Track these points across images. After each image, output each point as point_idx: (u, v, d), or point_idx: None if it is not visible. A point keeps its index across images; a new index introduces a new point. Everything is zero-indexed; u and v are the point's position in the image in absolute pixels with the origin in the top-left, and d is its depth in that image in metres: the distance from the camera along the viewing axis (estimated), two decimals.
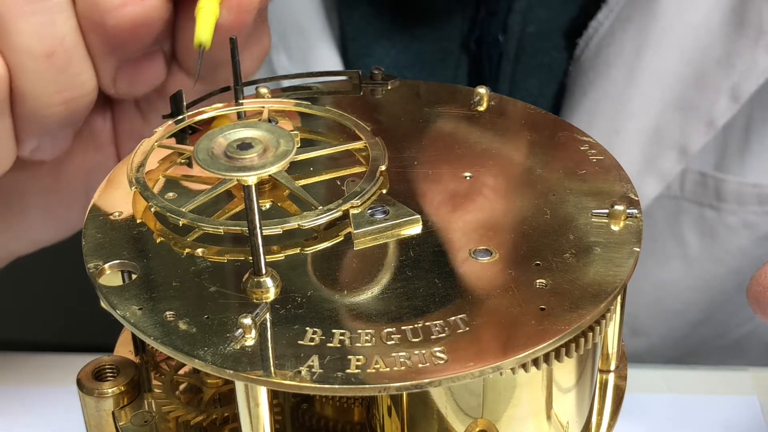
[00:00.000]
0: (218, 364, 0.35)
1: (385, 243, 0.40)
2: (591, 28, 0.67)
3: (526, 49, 0.68)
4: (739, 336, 0.78)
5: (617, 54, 0.66)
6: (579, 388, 0.40)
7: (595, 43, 0.67)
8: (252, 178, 0.35)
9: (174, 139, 0.44)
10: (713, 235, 0.73)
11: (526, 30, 0.68)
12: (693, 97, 0.66)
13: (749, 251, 0.74)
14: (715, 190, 0.72)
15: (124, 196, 0.42)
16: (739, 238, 0.73)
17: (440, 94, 0.49)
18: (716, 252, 0.74)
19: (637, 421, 0.56)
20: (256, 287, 0.37)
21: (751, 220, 0.73)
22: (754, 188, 0.71)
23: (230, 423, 0.42)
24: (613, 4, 0.66)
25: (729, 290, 0.76)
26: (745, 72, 0.65)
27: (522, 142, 0.45)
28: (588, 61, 0.67)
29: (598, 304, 0.37)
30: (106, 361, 0.42)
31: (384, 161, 0.42)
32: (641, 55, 0.66)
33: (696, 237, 0.74)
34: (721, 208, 0.72)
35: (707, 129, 0.66)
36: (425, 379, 0.34)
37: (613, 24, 0.66)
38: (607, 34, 0.66)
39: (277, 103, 0.46)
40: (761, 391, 0.58)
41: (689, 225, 0.73)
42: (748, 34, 0.64)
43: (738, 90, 0.65)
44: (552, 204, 0.41)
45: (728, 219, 0.73)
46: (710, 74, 0.65)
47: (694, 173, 0.71)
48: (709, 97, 0.66)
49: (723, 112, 0.66)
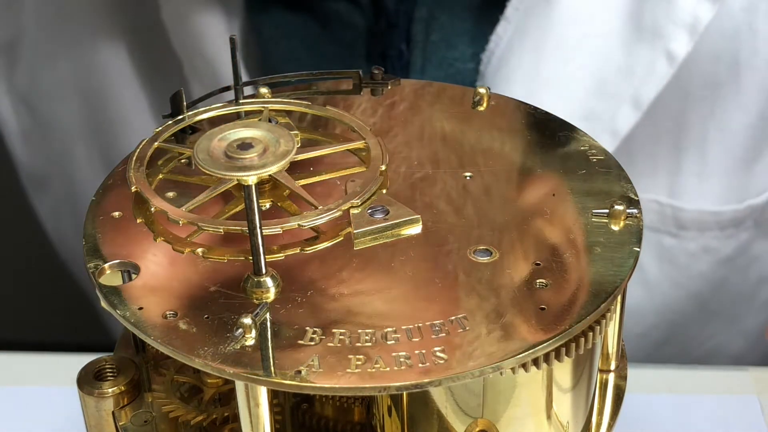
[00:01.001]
0: (218, 364, 0.35)
1: (385, 243, 0.40)
2: (492, 42, 0.66)
3: (431, 60, 0.67)
4: (702, 353, 0.79)
5: (518, 67, 0.65)
6: (579, 388, 0.40)
7: (496, 57, 0.66)
8: (252, 178, 0.35)
9: (174, 139, 0.44)
10: (672, 260, 0.73)
11: (429, 39, 0.67)
12: (595, 107, 0.65)
13: (709, 274, 0.74)
14: (673, 218, 0.71)
15: (124, 196, 0.42)
16: (699, 262, 0.73)
17: (440, 94, 0.49)
18: (675, 277, 0.74)
19: (637, 421, 0.56)
20: (256, 287, 0.37)
21: (712, 245, 0.72)
22: (713, 216, 0.71)
23: (230, 423, 0.42)
24: (510, 17, 0.65)
25: (690, 312, 0.76)
26: (644, 78, 0.64)
27: (522, 142, 0.45)
28: (491, 75, 0.66)
29: (598, 304, 0.37)
30: (106, 361, 0.42)
31: (384, 161, 0.42)
32: (541, 67, 0.65)
33: (654, 262, 0.74)
34: (681, 236, 0.72)
35: (611, 139, 0.66)
36: (425, 379, 0.34)
37: (512, 37, 0.65)
38: (507, 47, 0.65)
39: (277, 103, 0.46)
40: (761, 391, 0.58)
41: (647, 251, 0.73)
42: (646, 38, 0.63)
43: (639, 97, 0.65)
44: (552, 204, 0.41)
45: (688, 245, 0.73)
46: (611, 82, 0.65)
47: (648, 202, 0.71)
48: (612, 106, 0.65)
49: (626, 120, 0.65)
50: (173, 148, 0.44)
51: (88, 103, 0.81)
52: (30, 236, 0.94)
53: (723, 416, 0.57)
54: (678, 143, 0.69)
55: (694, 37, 0.62)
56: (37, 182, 0.88)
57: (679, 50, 0.63)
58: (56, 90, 0.81)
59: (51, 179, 0.87)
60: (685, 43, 0.63)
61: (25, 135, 0.85)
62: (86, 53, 0.79)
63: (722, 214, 0.71)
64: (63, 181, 0.86)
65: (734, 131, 0.68)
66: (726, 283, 0.75)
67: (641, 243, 0.40)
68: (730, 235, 0.72)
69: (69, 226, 0.87)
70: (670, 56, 0.63)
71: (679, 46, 0.63)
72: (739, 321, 0.77)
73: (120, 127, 0.80)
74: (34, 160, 0.86)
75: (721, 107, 0.67)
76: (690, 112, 0.68)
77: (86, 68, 0.79)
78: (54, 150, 0.85)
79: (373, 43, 0.68)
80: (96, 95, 0.80)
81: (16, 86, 0.83)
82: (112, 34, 0.77)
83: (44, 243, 0.91)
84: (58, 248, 0.91)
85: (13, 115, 0.84)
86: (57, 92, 0.81)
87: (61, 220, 0.88)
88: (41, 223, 0.90)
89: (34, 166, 0.87)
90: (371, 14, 0.67)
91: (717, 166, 0.70)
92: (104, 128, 0.81)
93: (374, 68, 0.48)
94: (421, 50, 0.67)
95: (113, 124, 0.81)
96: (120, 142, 0.80)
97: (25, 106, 0.83)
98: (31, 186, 0.89)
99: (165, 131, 0.44)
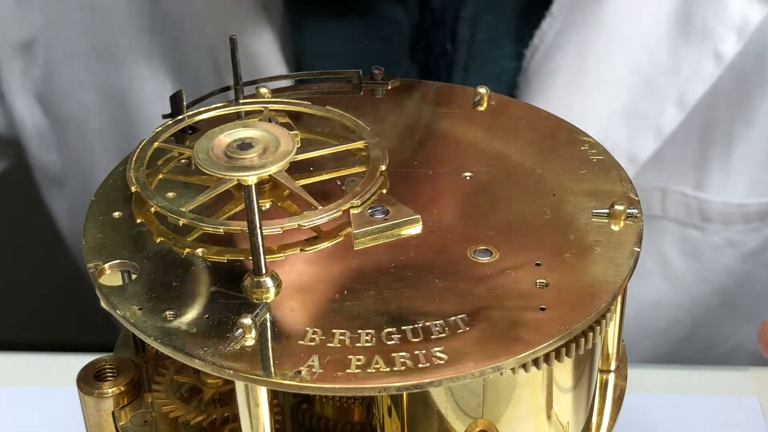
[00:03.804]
0: (218, 364, 0.35)
1: (385, 243, 0.40)
2: (536, 38, 0.66)
3: (475, 59, 0.67)
4: (723, 352, 0.78)
5: (562, 63, 0.65)
6: (579, 388, 0.40)
7: (541, 53, 0.66)
8: (252, 178, 0.35)
9: (174, 139, 0.44)
10: (697, 254, 0.73)
11: (475, 38, 0.67)
12: (640, 105, 0.66)
13: (734, 269, 0.74)
14: (698, 210, 0.72)
15: (124, 196, 0.42)
16: (723, 256, 0.73)
17: (440, 94, 0.49)
18: (700, 270, 0.74)
19: (637, 421, 0.56)
20: (256, 287, 0.37)
21: (737, 238, 0.72)
22: (739, 208, 0.71)
23: (230, 423, 0.42)
24: (556, 13, 0.65)
25: (713, 307, 0.76)
26: (690, 78, 0.64)
27: (522, 142, 0.45)
28: (534, 71, 0.66)
29: (598, 304, 0.37)
30: (106, 361, 0.42)
31: (384, 161, 0.42)
32: (586, 64, 0.65)
33: (679, 256, 0.73)
34: (706, 228, 0.72)
35: (655, 137, 0.66)
36: (425, 379, 0.34)
37: (557, 33, 0.65)
38: (552, 43, 0.65)
39: (277, 103, 0.46)
40: (761, 391, 0.58)
41: (671, 244, 0.73)
42: (693, 39, 0.63)
43: (684, 97, 0.65)
44: (552, 204, 0.41)
45: (713, 238, 0.73)
46: (656, 81, 0.65)
47: (674, 194, 0.71)
48: (656, 104, 0.65)
49: (670, 120, 0.66)
50: (173, 148, 0.44)
51: (106, 102, 0.81)
52: (45, 236, 0.94)
53: (723, 416, 0.57)
54: (705, 136, 0.69)
55: (743, 38, 0.63)
56: (53, 181, 0.88)
57: (727, 51, 0.63)
58: (74, 89, 0.81)
59: (67, 179, 0.87)
60: (734, 44, 0.63)
61: (41, 134, 0.85)
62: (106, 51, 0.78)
63: (747, 206, 0.71)
64: (79, 181, 0.86)
65: (761, 125, 0.68)
66: (750, 278, 0.75)
67: (641, 243, 0.40)
68: (755, 229, 0.72)
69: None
70: (718, 57, 0.63)
71: (728, 47, 0.63)
72: (761, 318, 0.77)
73: (138, 127, 0.80)
74: (49, 159, 0.86)
75: (748, 101, 0.68)
76: (718, 107, 0.68)
77: (105, 67, 0.79)
78: (71, 149, 0.85)
79: (416, 40, 0.68)
80: (115, 94, 0.80)
81: (33, 85, 0.83)
82: (135, 32, 0.77)
83: (59, 243, 0.91)
84: (74, 248, 0.90)
85: (29, 113, 0.84)
86: (74, 91, 0.81)
87: (77, 219, 0.88)
88: (56, 222, 0.90)
89: (49, 166, 0.87)
90: (416, 11, 0.67)
91: (743, 160, 0.70)
92: (122, 127, 0.81)
93: (374, 68, 0.48)
94: (466, 49, 0.67)
95: (131, 124, 0.81)
96: (138, 141, 0.80)
97: (41, 104, 0.83)
98: (46, 185, 0.89)
99: (165, 131, 0.44)
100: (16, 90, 0.83)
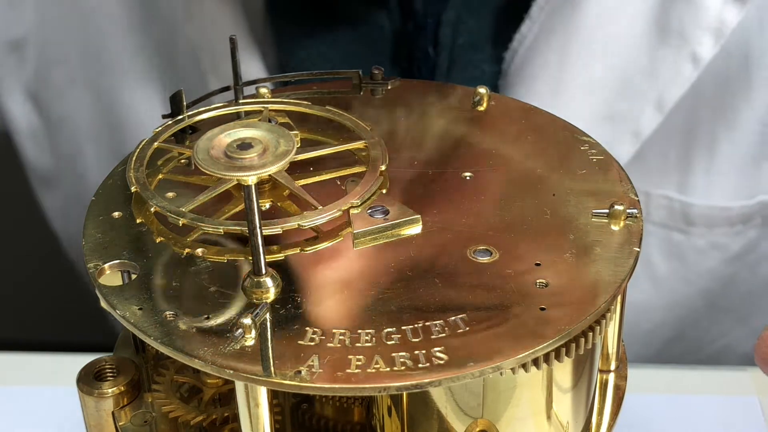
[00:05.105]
0: (218, 364, 0.35)
1: (385, 243, 0.40)
2: (515, 41, 0.66)
3: (457, 62, 0.67)
4: (713, 351, 0.79)
5: (542, 66, 0.65)
6: (579, 388, 0.40)
7: (520, 56, 0.66)
8: (252, 178, 0.35)
9: (174, 139, 0.44)
10: (681, 257, 0.73)
11: (456, 42, 0.67)
12: (619, 108, 0.66)
13: (718, 271, 0.74)
14: (682, 214, 0.72)
15: (124, 196, 0.42)
16: (708, 259, 0.73)
17: (440, 94, 0.49)
18: (685, 273, 0.74)
19: (637, 421, 0.56)
20: (256, 287, 0.37)
21: (721, 241, 0.73)
22: (723, 211, 0.71)
23: (230, 423, 0.42)
24: (535, 16, 0.65)
25: (699, 309, 0.76)
26: (668, 81, 0.65)
27: (522, 142, 0.45)
28: (514, 74, 0.67)
29: (598, 304, 0.37)
30: (106, 361, 0.42)
31: (384, 161, 0.42)
32: (565, 67, 0.65)
33: (663, 259, 0.74)
34: (690, 232, 0.72)
35: (633, 140, 0.66)
36: (425, 379, 0.34)
37: (536, 36, 0.65)
38: (531, 46, 0.66)
39: (277, 103, 0.46)
40: (761, 391, 0.58)
41: (656, 247, 0.73)
42: (670, 42, 0.64)
43: (662, 99, 0.65)
44: (552, 204, 0.41)
45: (697, 242, 0.73)
46: (635, 84, 0.65)
47: (658, 197, 0.71)
48: (635, 107, 0.66)
49: (648, 122, 0.66)
50: (173, 148, 0.44)
51: (99, 102, 0.81)
52: (38, 236, 0.94)
53: (723, 416, 0.57)
54: (688, 139, 0.69)
55: (719, 41, 0.63)
56: (46, 181, 0.88)
57: (704, 53, 0.64)
58: (66, 88, 0.81)
59: (60, 178, 0.87)
60: (711, 47, 0.63)
61: (34, 133, 0.85)
62: (97, 51, 0.79)
63: (731, 210, 0.71)
64: (72, 181, 0.86)
65: (744, 127, 0.69)
66: (735, 281, 0.75)
67: (641, 243, 0.40)
68: (739, 232, 0.72)
69: (78, 225, 0.86)
70: (695, 59, 0.64)
71: (705, 50, 0.63)
72: (750, 319, 0.77)
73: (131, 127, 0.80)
74: (42, 158, 0.86)
75: (732, 104, 0.68)
76: (700, 109, 0.68)
77: (97, 67, 0.79)
78: (63, 148, 0.85)
79: (399, 45, 0.68)
80: (105, 94, 0.80)
81: (26, 84, 0.83)
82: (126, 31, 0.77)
83: (52, 242, 0.91)
84: (67, 248, 0.91)
85: (22, 112, 0.84)
86: (67, 90, 0.81)
87: (70, 219, 0.88)
88: (49, 222, 0.90)
89: (42, 165, 0.87)
90: (399, 16, 0.67)
91: (727, 163, 0.70)
92: (113, 127, 0.81)
93: (374, 68, 0.48)
94: (448, 53, 0.67)
95: (124, 124, 0.81)
96: (131, 141, 0.80)
97: (34, 104, 0.83)
98: (39, 185, 0.89)
99: (165, 131, 0.44)
100: (9, 89, 0.83)
